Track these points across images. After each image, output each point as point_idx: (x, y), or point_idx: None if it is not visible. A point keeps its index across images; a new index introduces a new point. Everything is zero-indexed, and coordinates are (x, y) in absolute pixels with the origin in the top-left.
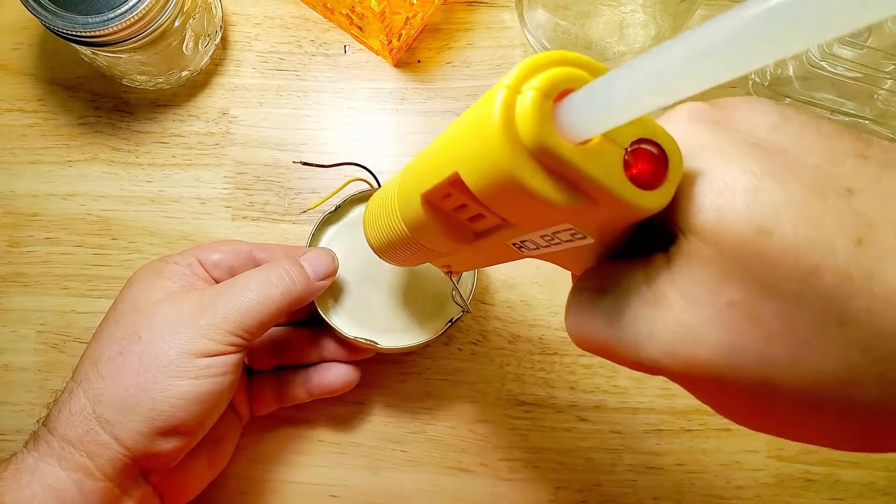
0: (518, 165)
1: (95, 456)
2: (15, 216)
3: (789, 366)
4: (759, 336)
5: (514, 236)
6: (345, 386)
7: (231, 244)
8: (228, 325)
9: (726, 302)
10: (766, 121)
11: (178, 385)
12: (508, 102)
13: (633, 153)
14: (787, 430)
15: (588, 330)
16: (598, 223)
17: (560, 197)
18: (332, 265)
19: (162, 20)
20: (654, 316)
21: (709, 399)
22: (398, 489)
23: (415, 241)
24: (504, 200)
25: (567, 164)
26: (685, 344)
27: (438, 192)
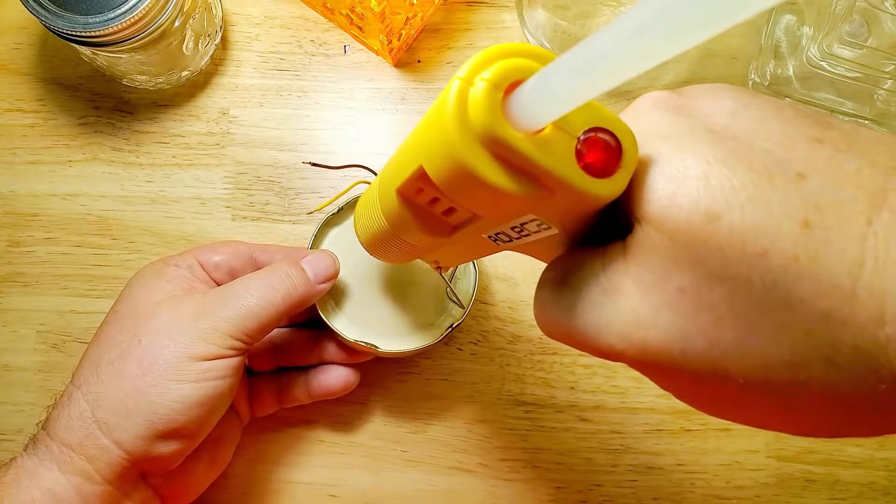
0: (470, 155)
1: (95, 460)
2: (15, 216)
3: (738, 350)
4: (707, 321)
5: (487, 229)
6: (345, 388)
7: (232, 246)
8: (229, 329)
9: (676, 288)
10: (725, 107)
11: (177, 388)
12: (461, 94)
13: (585, 142)
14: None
15: (553, 320)
16: (558, 213)
17: (513, 186)
18: (332, 268)
19: (162, 20)
20: (610, 304)
21: (667, 385)
22: (398, 489)
23: (397, 236)
24: (464, 191)
25: (518, 153)
26: (638, 330)
27: (410, 186)
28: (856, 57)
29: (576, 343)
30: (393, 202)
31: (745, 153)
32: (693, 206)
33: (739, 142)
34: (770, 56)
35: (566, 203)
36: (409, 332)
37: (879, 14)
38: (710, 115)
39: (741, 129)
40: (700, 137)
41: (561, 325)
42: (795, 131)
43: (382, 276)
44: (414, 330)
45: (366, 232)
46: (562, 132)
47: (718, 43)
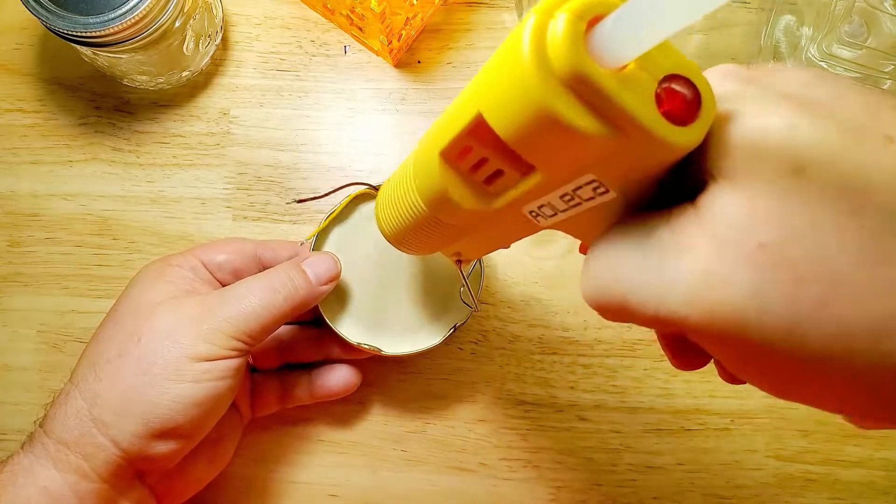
0: (551, 94)
1: (91, 458)
2: (15, 216)
3: (820, 309)
4: (789, 278)
5: (533, 198)
6: (347, 389)
7: (235, 245)
8: (230, 329)
9: (756, 243)
10: (801, 78)
11: (176, 388)
12: (539, 29)
13: (666, 88)
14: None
15: (605, 286)
16: (623, 170)
17: (594, 127)
18: (334, 269)
19: (162, 21)
20: (677, 262)
21: (729, 357)
22: (398, 489)
23: (430, 216)
24: (532, 139)
25: (600, 90)
26: (710, 289)
27: (458, 144)
28: (855, 57)
29: (628, 312)
30: (433, 171)
31: (827, 115)
32: (778, 160)
33: (821, 106)
34: (770, 56)
35: (637, 154)
36: (413, 332)
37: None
38: (786, 85)
39: (820, 96)
40: (780, 100)
41: (614, 291)
42: (877, 101)
43: (385, 277)
44: (417, 330)
45: (393, 219)
46: (644, 73)
47: (718, 43)
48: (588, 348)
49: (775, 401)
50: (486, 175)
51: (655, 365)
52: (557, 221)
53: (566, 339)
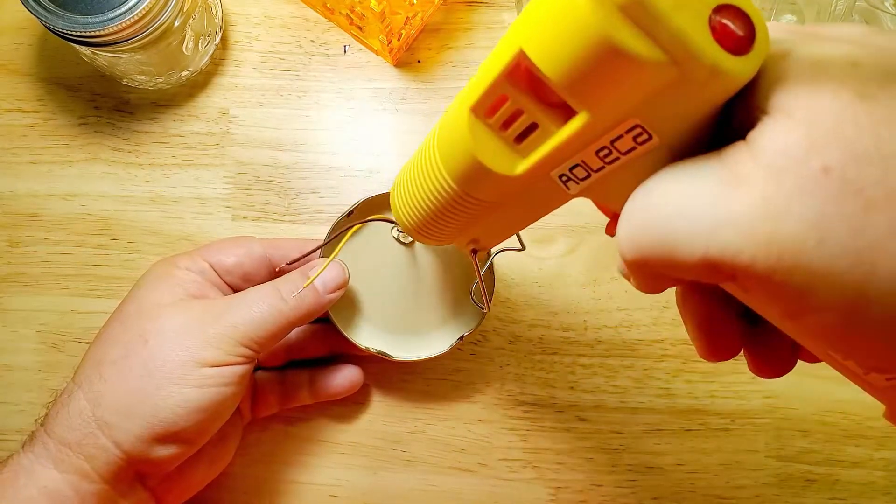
0: (609, 21)
1: (93, 459)
2: (15, 216)
3: (890, 238)
4: (854, 205)
5: (567, 155)
6: (349, 390)
7: (245, 247)
8: (238, 336)
9: (820, 167)
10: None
11: (181, 393)
12: None
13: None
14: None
15: (648, 227)
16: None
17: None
18: (341, 277)
19: (162, 20)
20: (731, 195)
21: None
22: (398, 489)
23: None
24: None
25: (656, 16)
26: (767, 220)
27: (492, 93)
28: None
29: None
30: (462, 131)
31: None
32: (838, 87)
33: (879, 48)
34: None
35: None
36: (422, 339)
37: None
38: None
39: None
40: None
41: (659, 232)
42: None
43: (395, 282)
44: (426, 336)
45: (412, 204)
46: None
47: None
48: (588, 348)
49: (776, 401)
50: (518, 131)
51: (655, 365)
52: (589, 185)
53: (566, 339)
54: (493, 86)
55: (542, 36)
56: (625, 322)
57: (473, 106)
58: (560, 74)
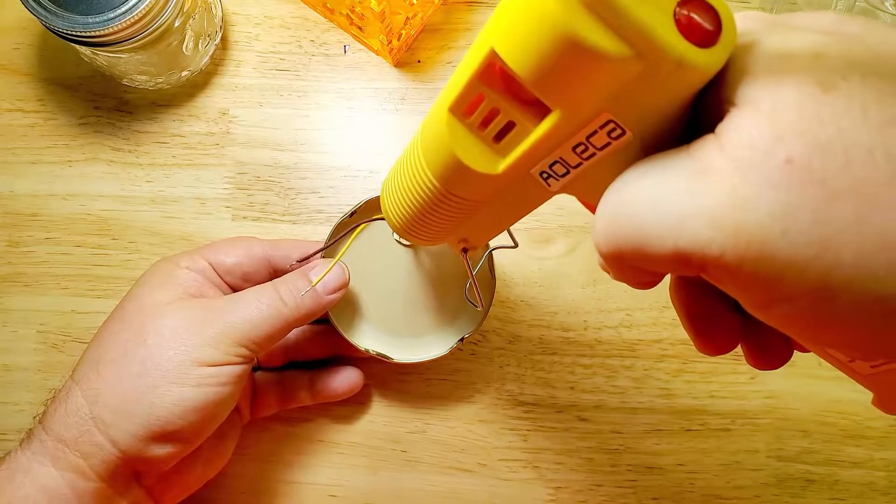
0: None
1: (89, 456)
2: (15, 216)
3: (854, 228)
4: (818, 194)
5: (544, 153)
6: (349, 391)
7: (245, 247)
8: (236, 336)
9: (783, 159)
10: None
11: (177, 392)
12: None
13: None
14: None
15: (621, 222)
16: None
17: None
18: (341, 278)
19: (162, 20)
20: (699, 187)
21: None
22: (398, 489)
23: (439, 190)
24: (552, 71)
25: (619, 10)
26: (734, 211)
27: (468, 93)
28: None
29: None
30: (441, 132)
31: (857, 43)
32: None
33: (850, 37)
34: None
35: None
36: (422, 340)
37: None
38: (811, 26)
39: (850, 30)
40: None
41: (631, 226)
42: None
43: (396, 284)
44: (426, 338)
45: (399, 205)
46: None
47: None
48: (588, 348)
49: (776, 401)
50: (496, 130)
51: (655, 365)
52: (569, 181)
53: (566, 339)
54: (468, 85)
55: (511, 34)
56: (625, 322)
57: (451, 106)
58: (529, 72)
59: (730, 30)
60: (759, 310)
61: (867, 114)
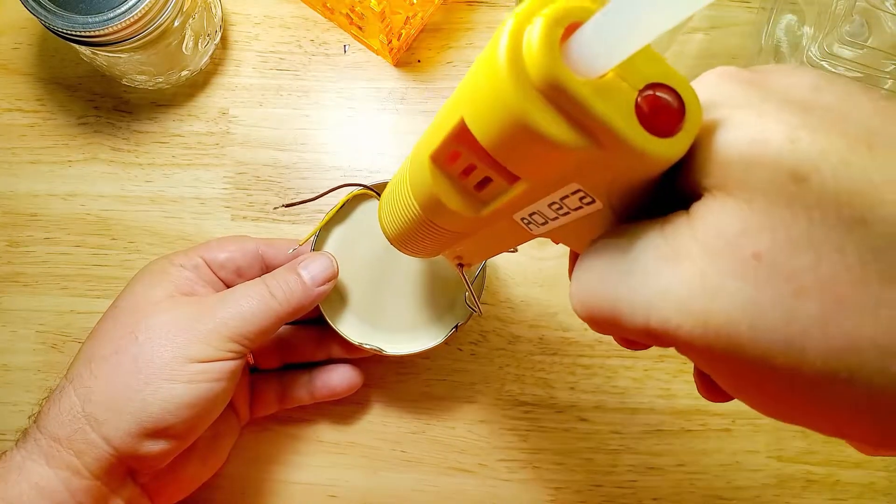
0: (525, 102)
1: (83, 454)
2: (15, 216)
3: (820, 327)
4: (786, 291)
5: (522, 206)
6: (348, 389)
7: (238, 242)
8: (227, 332)
9: (751, 253)
10: (806, 82)
11: (169, 388)
12: (516, 34)
13: (646, 97)
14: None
15: (594, 293)
16: (607, 179)
17: (569, 137)
18: (330, 270)
19: (162, 20)
20: (669, 270)
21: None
22: (397, 489)
23: (426, 219)
24: (510, 148)
25: (575, 99)
26: (702, 298)
27: (446, 148)
28: (856, 57)
29: (619, 322)
30: (425, 175)
31: (836, 121)
32: (776, 166)
33: (829, 111)
34: (770, 56)
35: (617, 166)
36: (414, 332)
37: (880, 14)
38: (789, 88)
39: (828, 101)
40: (782, 105)
41: (605, 300)
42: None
43: (387, 276)
44: (419, 330)
45: (392, 221)
46: (623, 82)
47: (718, 43)
48: (588, 349)
49: None
50: (475, 181)
51: (656, 365)
52: (550, 229)
53: (566, 339)
54: (444, 144)
55: (476, 106)
56: None
57: (432, 155)
58: (492, 146)
59: (694, 114)
60: (728, 390)
61: (839, 210)
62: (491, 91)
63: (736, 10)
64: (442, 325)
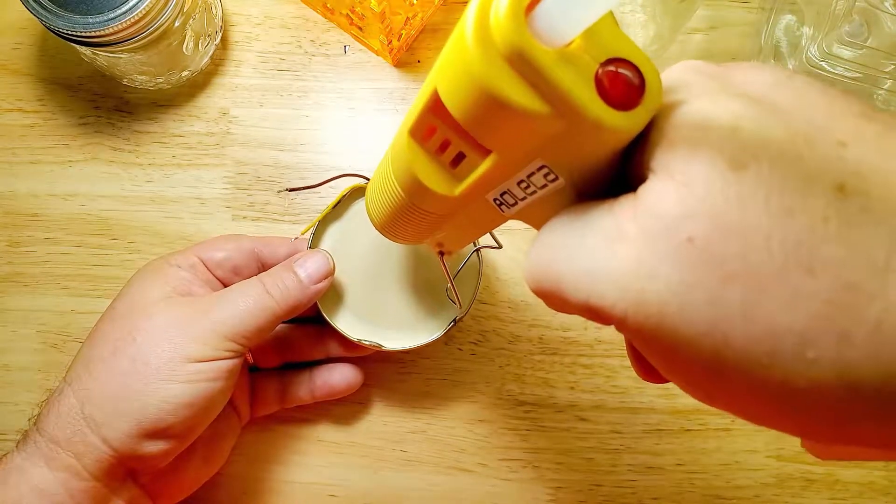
0: (491, 71)
1: (82, 456)
2: (15, 216)
3: (742, 313)
4: (714, 276)
5: (494, 184)
6: (349, 388)
7: (234, 241)
8: (224, 331)
9: (685, 237)
10: (766, 78)
11: (167, 388)
12: (484, 4)
13: (608, 70)
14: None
15: (543, 267)
16: (570, 156)
17: (534, 104)
18: (326, 267)
19: (162, 20)
20: (611, 250)
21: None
22: (398, 489)
23: (407, 201)
24: (479, 118)
25: (538, 68)
26: (637, 279)
27: (422, 122)
28: (855, 57)
29: (563, 296)
30: (404, 151)
31: (782, 116)
32: (715, 153)
33: (778, 107)
34: (770, 56)
35: (579, 138)
36: (413, 327)
37: (879, 14)
38: (748, 83)
39: (782, 98)
40: (734, 97)
41: (552, 270)
42: (843, 106)
43: (384, 272)
44: (417, 325)
45: (377, 205)
46: (585, 55)
47: (718, 43)
48: (588, 348)
49: None
50: (451, 157)
51: None
52: (519, 210)
53: (566, 339)
54: (422, 115)
55: (448, 77)
56: None
57: (411, 130)
58: (462, 117)
59: (654, 91)
60: (661, 372)
61: (769, 200)
62: (460, 61)
63: (735, 11)
64: (441, 320)
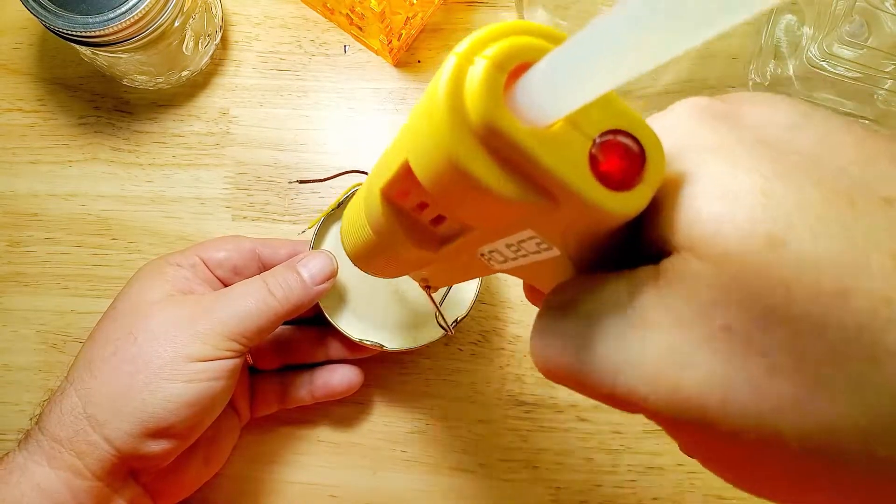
0: (462, 147)
1: (84, 455)
2: (15, 216)
3: (796, 407)
4: (759, 368)
5: (478, 244)
6: (349, 389)
7: (235, 241)
8: (225, 330)
9: (721, 325)
10: (782, 119)
11: (169, 388)
12: (457, 74)
13: (603, 146)
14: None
15: (557, 356)
16: (561, 230)
17: (510, 189)
18: (329, 268)
19: (162, 20)
20: (636, 338)
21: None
22: (398, 489)
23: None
24: (453, 194)
25: (519, 149)
26: (671, 370)
27: (395, 186)
28: (856, 57)
29: (583, 386)
30: (377, 206)
31: (812, 169)
32: (749, 229)
33: (804, 156)
34: (770, 56)
35: (572, 218)
36: (414, 327)
37: (879, 14)
38: (763, 126)
39: (805, 143)
40: (754, 149)
41: (568, 362)
42: (874, 148)
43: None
44: (419, 324)
45: (351, 242)
46: (575, 131)
47: (718, 43)
48: None
49: None
50: (430, 217)
51: None
52: (510, 268)
53: None
54: (393, 181)
55: (417, 147)
56: None
57: (383, 189)
58: (433, 190)
59: (655, 164)
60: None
61: (819, 279)
62: (430, 132)
63: None
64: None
